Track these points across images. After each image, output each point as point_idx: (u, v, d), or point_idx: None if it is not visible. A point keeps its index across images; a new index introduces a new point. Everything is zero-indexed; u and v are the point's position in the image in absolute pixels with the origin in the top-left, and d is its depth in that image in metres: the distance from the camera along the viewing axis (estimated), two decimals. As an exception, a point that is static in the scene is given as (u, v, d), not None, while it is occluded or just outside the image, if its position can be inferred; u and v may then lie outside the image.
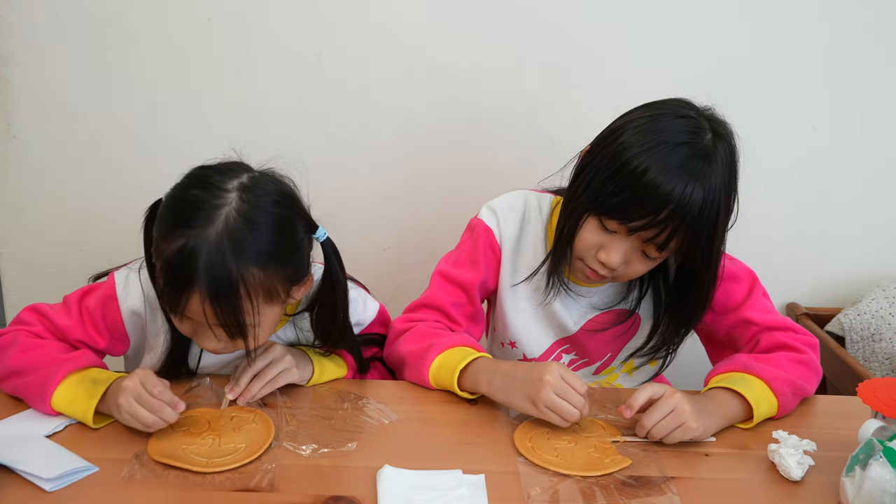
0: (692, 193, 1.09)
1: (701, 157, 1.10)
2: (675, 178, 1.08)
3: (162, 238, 1.02)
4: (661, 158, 1.09)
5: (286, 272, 1.07)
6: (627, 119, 1.17)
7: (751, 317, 1.26)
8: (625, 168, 1.11)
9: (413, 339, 1.24)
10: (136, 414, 1.00)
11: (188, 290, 1.00)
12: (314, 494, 0.95)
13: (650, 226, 1.11)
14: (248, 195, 1.03)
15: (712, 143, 1.12)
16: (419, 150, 1.77)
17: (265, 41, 1.68)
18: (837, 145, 1.78)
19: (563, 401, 1.06)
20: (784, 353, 1.21)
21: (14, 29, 1.66)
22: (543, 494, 0.97)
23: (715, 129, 1.14)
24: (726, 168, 1.13)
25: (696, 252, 1.14)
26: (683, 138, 1.11)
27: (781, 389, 1.15)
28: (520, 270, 1.32)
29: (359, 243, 1.31)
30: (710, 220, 1.12)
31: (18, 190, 1.78)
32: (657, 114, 1.15)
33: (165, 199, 1.06)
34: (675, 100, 1.18)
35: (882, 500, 0.92)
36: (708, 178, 1.10)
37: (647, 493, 0.98)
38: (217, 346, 1.08)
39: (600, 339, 1.35)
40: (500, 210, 1.31)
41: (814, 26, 1.69)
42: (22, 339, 1.12)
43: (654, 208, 1.10)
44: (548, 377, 1.06)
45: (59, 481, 0.93)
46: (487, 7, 1.67)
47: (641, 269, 1.20)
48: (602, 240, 1.17)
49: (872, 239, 1.86)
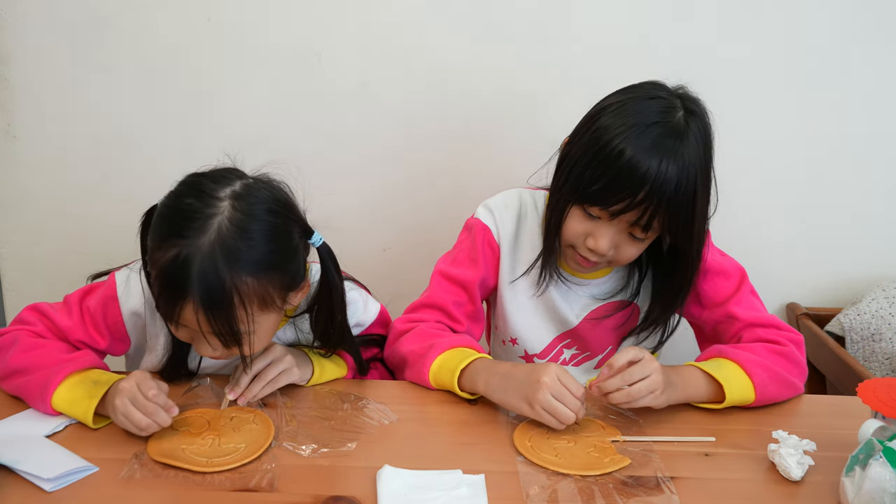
0: (667, 171, 1.10)
1: (673, 134, 1.12)
2: (649, 157, 1.10)
3: (156, 247, 1.02)
4: (633, 140, 1.11)
5: (281, 280, 1.06)
6: (602, 105, 1.20)
7: (736, 312, 1.27)
8: (601, 153, 1.13)
9: (414, 340, 1.24)
10: (130, 416, 1.00)
11: (182, 300, 0.99)
12: (314, 494, 0.95)
13: (630, 208, 1.13)
14: (241, 203, 1.02)
15: (684, 121, 1.14)
16: (419, 150, 1.77)
17: (265, 41, 1.68)
18: (838, 145, 1.78)
19: (559, 403, 1.06)
20: (763, 345, 1.23)
21: (14, 29, 1.66)
22: (542, 494, 0.97)
23: (687, 106, 1.16)
24: (700, 144, 1.15)
25: (676, 229, 1.16)
26: (655, 118, 1.13)
27: (756, 372, 1.16)
28: (518, 266, 1.33)
29: (359, 244, 1.31)
30: (688, 196, 1.13)
31: (18, 190, 1.78)
32: (629, 98, 1.17)
33: (159, 207, 1.06)
34: (648, 82, 1.21)
35: (882, 500, 0.92)
36: (681, 154, 1.12)
37: (646, 492, 0.98)
38: (213, 353, 1.08)
39: (601, 332, 1.35)
40: (495, 208, 1.33)
41: (814, 26, 1.69)
42: (23, 339, 1.12)
43: (632, 190, 1.11)
44: (545, 378, 1.07)
45: (58, 481, 0.93)
46: (487, 7, 1.67)
47: (634, 251, 1.21)
48: (588, 227, 1.19)
49: (872, 239, 1.85)
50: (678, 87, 1.20)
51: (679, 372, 1.16)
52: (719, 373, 1.16)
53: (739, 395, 1.16)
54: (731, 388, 1.15)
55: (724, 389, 1.14)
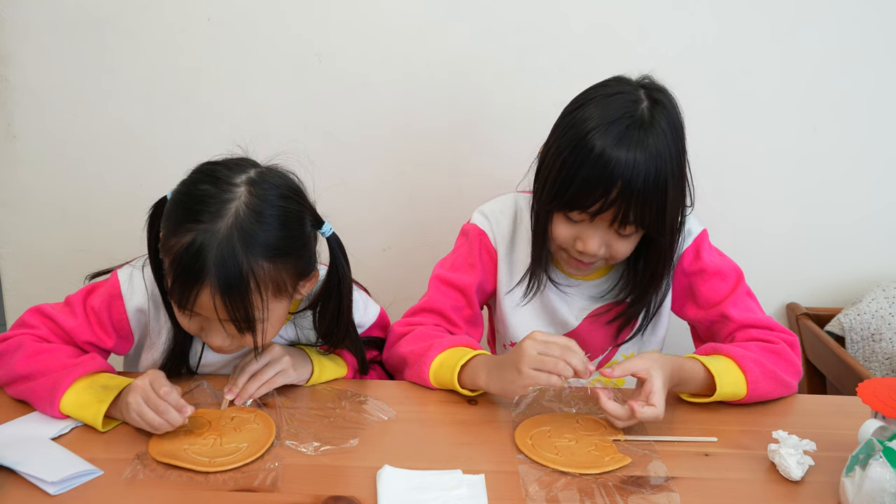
0: (634, 163, 1.10)
1: (637, 126, 1.12)
2: (616, 153, 1.10)
3: (171, 234, 1.02)
4: (599, 139, 1.11)
5: (295, 266, 1.07)
6: (569, 110, 1.20)
7: (730, 313, 1.27)
8: (571, 156, 1.13)
9: (413, 341, 1.25)
10: (143, 414, 1.01)
11: (198, 285, 1.00)
12: (314, 494, 0.95)
13: (606, 206, 1.13)
14: (257, 189, 1.03)
15: (648, 111, 1.14)
16: (419, 150, 1.77)
17: (265, 41, 1.68)
18: (838, 145, 1.78)
19: (547, 356, 1.05)
20: (756, 343, 1.23)
21: (14, 29, 1.66)
22: (542, 492, 0.97)
23: (652, 96, 1.16)
24: (669, 130, 1.14)
25: (649, 219, 1.15)
26: (618, 114, 1.13)
27: (750, 367, 1.17)
28: (516, 270, 1.33)
29: (359, 243, 1.31)
30: (661, 186, 1.13)
31: (19, 189, 1.78)
32: (593, 97, 1.18)
33: (173, 194, 1.06)
34: (612, 79, 1.21)
35: (882, 500, 0.92)
36: (647, 144, 1.11)
37: (646, 491, 0.98)
38: (225, 342, 1.08)
39: (601, 332, 1.35)
40: (491, 214, 1.34)
41: (815, 25, 1.69)
42: (28, 344, 1.11)
43: (605, 188, 1.12)
44: (526, 342, 1.07)
45: (63, 484, 0.93)
46: (487, 7, 1.67)
47: (626, 247, 1.21)
48: (574, 231, 1.19)
49: (872, 239, 1.85)
50: (643, 78, 1.20)
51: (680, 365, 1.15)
52: (714, 365, 1.16)
53: (731, 390, 1.16)
54: (724, 382, 1.15)
55: (716, 381, 1.14)
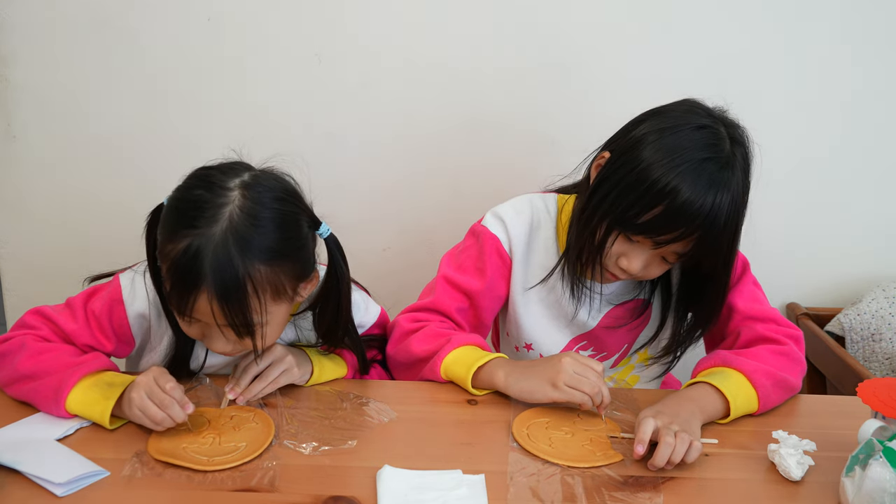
0: (720, 205, 1.10)
1: (725, 168, 1.11)
2: (705, 195, 1.09)
3: (167, 240, 1.02)
4: (688, 177, 1.09)
5: (293, 268, 1.07)
6: (644, 131, 1.15)
7: (736, 303, 1.26)
8: (652, 188, 1.10)
9: (427, 338, 1.24)
10: (146, 409, 1.01)
11: (195, 291, 1.00)
12: (314, 494, 0.95)
13: (678, 239, 1.13)
14: (251, 192, 1.03)
15: (731, 151, 1.13)
16: (419, 150, 1.77)
17: (265, 41, 1.69)
18: (838, 145, 1.78)
19: (582, 377, 1.10)
20: (764, 346, 1.22)
21: (14, 29, 1.66)
22: (526, 480, 0.98)
23: (731, 134, 1.14)
24: (744, 172, 1.14)
25: (717, 258, 1.16)
26: (706, 153, 1.11)
27: (761, 382, 1.16)
28: (532, 272, 1.31)
29: (359, 243, 1.30)
30: (733, 227, 1.14)
31: (18, 190, 1.78)
32: (675, 125, 1.14)
33: (168, 201, 1.06)
34: (687, 104, 1.18)
35: (882, 500, 0.92)
36: (731, 186, 1.11)
37: (632, 490, 0.98)
38: (226, 347, 1.08)
39: (617, 333, 1.35)
40: (506, 216, 1.30)
41: (817, 25, 1.69)
42: (30, 344, 1.11)
43: (687, 227, 1.11)
44: (565, 359, 1.12)
45: (71, 486, 0.93)
46: (487, 7, 1.67)
47: (659, 272, 1.22)
48: (624, 249, 1.18)
49: (872, 239, 1.85)
50: (719, 111, 1.17)
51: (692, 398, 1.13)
52: (726, 386, 1.14)
53: (744, 410, 1.16)
54: (738, 405, 1.14)
55: (731, 407, 1.13)
